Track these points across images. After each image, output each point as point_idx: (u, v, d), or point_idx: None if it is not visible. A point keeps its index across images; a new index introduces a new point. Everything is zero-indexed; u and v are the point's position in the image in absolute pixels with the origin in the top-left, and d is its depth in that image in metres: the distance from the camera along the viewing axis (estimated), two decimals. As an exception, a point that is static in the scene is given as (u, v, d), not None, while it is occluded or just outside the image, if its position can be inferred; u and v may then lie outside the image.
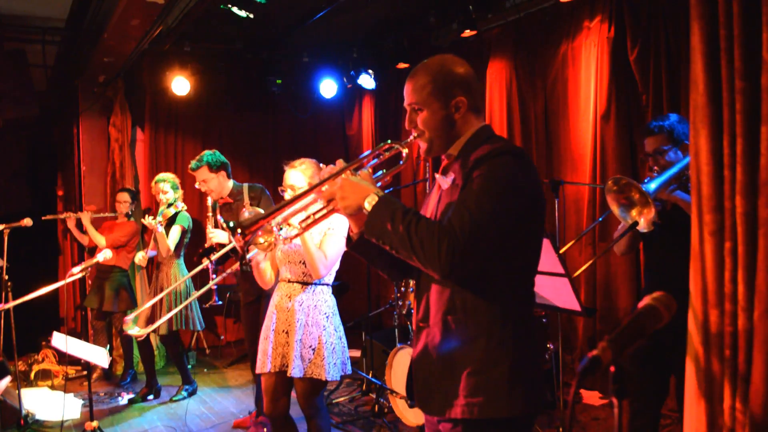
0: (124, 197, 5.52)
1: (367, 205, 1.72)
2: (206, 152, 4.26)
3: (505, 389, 1.68)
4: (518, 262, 1.74)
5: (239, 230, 1.78)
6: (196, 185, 4.28)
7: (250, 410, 4.48)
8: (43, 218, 5.55)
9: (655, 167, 2.75)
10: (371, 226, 1.71)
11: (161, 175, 5.08)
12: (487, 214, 1.61)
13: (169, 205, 5.00)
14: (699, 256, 2.04)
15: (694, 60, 1.99)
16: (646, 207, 2.57)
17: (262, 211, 1.90)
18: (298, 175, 3.04)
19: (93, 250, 5.73)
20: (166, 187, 4.99)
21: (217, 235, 3.99)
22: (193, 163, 4.22)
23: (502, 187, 1.65)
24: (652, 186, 2.56)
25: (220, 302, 4.21)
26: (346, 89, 7.03)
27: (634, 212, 2.65)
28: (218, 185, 4.21)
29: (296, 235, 2.01)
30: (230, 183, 4.31)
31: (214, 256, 3.39)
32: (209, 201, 4.18)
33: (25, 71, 5.67)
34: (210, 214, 4.08)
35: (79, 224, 5.73)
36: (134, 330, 2.78)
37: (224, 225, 1.84)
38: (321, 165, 3.16)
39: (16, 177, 7.64)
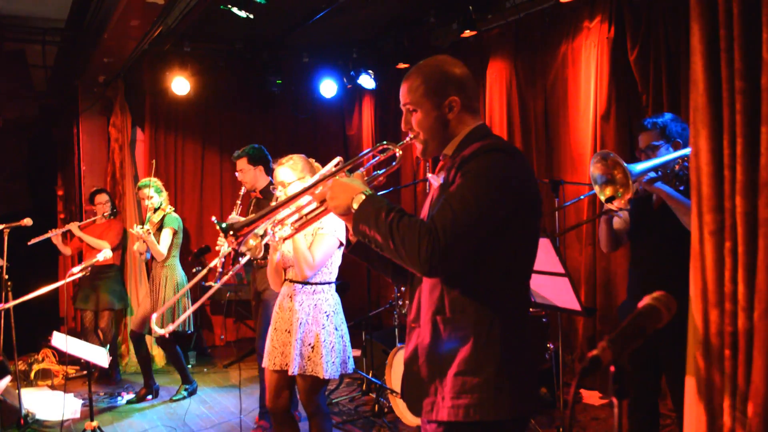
0: (103, 198, 5.55)
1: (355, 205, 1.69)
2: (255, 145, 4.33)
3: (492, 392, 1.64)
4: (509, 262, 1.70)
5: (231, 232, 1.79)
6: (236, 173, 4.34)
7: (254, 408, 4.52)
8: (29, 243, 5.23)
9: None
10: (357, 224, 1.69)
11: (144, 180, 5.10)
12: (472, 213, 1.57)
13: (155, 210, 5.01)
14: (699, 256, 2.04)
15: (694, 60, 1.99)
16: (625, 188, 2.59)
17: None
18: (287, 171, 3.05)
19: (80, 254, 5.77)
20: (151, 192, 4.99)
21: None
22: (236, 153, 4.31)
23: (488, 185, 1.61)
24: (637, 168, 2.58)
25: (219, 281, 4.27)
26: (346, 89, 7.03)
27: (608, 190, 2.67)
28: (253, 178, 4.27)
29: (290, 236, 2.01)
30: (267, 179, 4.31)
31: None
32: (242, 190, 4.26)
33: (25, 71, 5.67)
34: (238, 202, 4.14)
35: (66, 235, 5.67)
36: (160, 330, 2.80)
37: (217, 226, 1.85)
38: (311, 160, 3.17)
39: (16, 177, 7.64)
